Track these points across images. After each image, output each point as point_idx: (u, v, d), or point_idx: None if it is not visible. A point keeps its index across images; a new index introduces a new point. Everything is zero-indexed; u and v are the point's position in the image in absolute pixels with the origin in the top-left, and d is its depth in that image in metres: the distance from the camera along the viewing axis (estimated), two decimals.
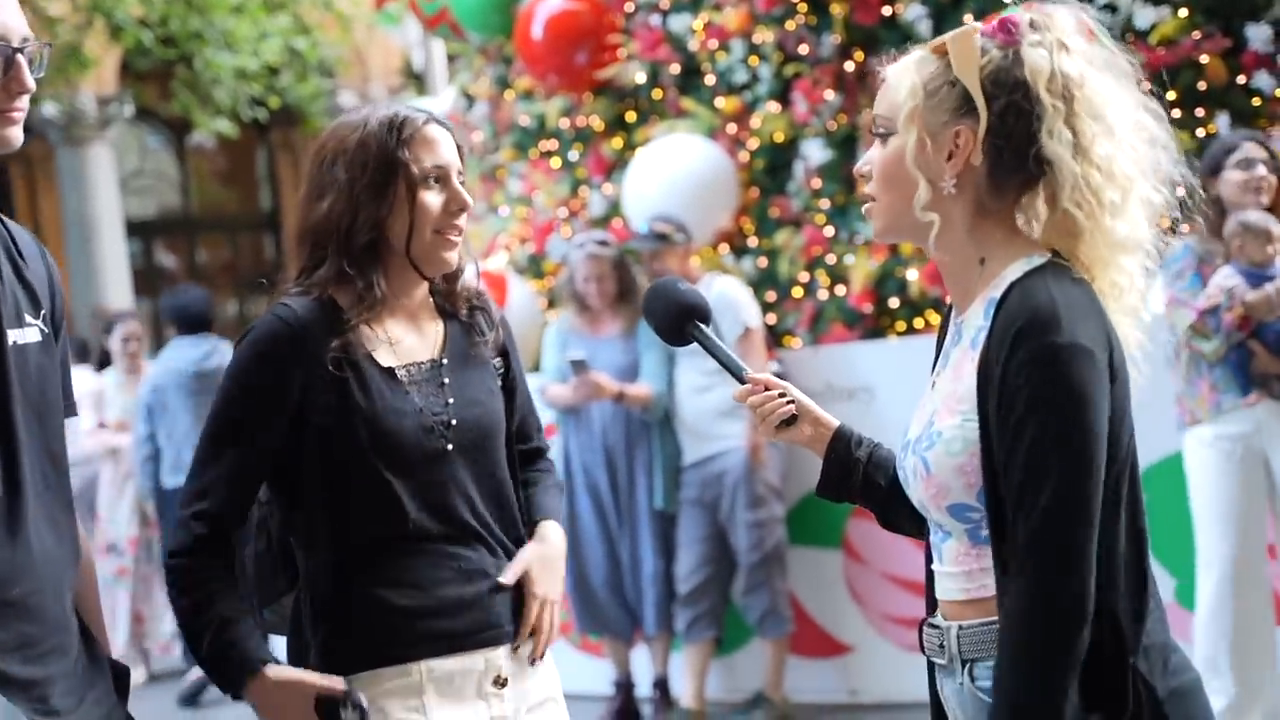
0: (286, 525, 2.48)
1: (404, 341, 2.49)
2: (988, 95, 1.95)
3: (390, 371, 2.44)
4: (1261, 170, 4.69)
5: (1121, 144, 1.96)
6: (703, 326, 2.31)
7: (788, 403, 2.23)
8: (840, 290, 6.20)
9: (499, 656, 2.46)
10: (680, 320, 2.31)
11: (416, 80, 13.34)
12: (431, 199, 2.43)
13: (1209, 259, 4.66)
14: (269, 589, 2.51)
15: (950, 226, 2.01)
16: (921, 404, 2.08)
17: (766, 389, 2.24)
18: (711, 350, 2.30)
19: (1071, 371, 1.85)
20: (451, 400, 2.47)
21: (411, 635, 2.40)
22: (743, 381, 2.26)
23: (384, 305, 2.46)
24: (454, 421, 2.46)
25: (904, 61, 2.04)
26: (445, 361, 2.51)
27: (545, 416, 5.94)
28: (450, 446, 2.45)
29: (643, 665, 5.99)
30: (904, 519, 2.21)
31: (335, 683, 2.34)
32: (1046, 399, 1.84)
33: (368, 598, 2.40)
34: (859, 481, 2.23)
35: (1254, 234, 4.58)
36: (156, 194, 18.03)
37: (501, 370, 2.59)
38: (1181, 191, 2.05)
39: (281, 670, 2.35)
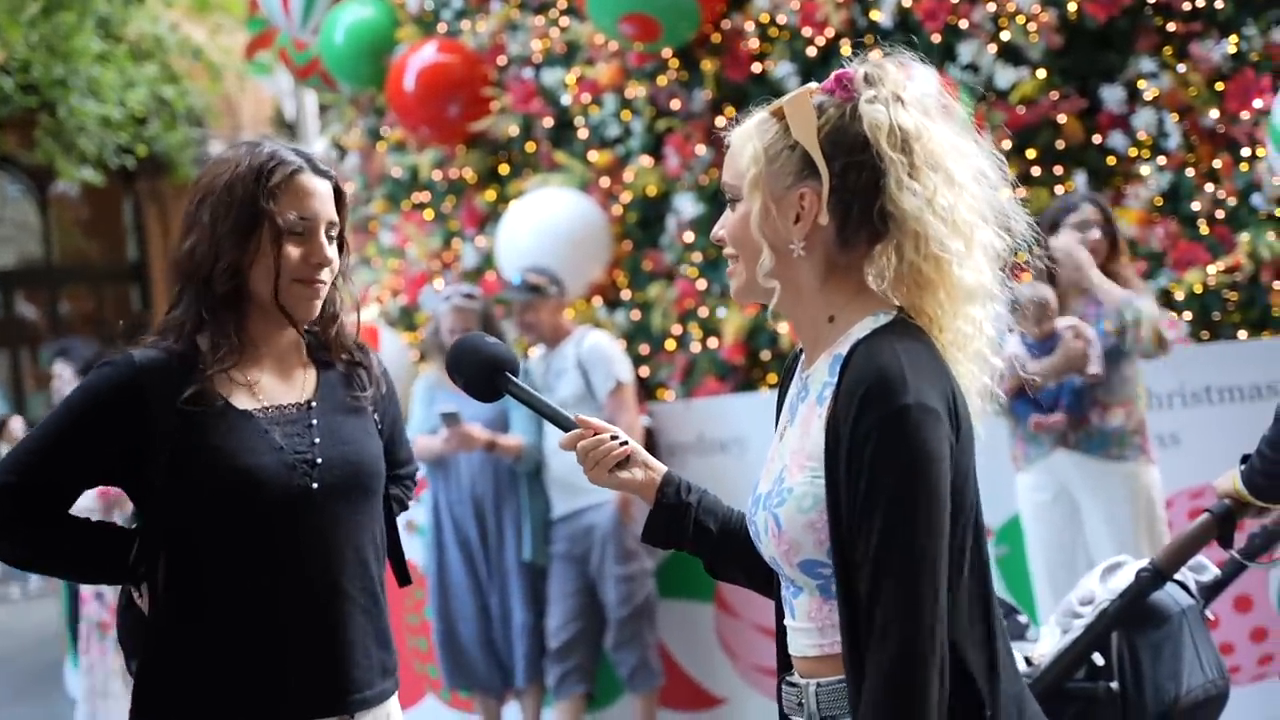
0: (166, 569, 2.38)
1: (267, 387, 2.42)
2: (827, 156, 1.96)
3: (246, 414, 2.36)
4: (1096, 234, 4.85)
5: (962, 191, 1.96)
6: (513, 378, 2.24)
7: (621, 444, 2.19)
8: (712, 343, 6.25)
9: None
10: (489, 373, 2.23)
11: (288, 130, 13.22)
12: (292, 250, 2.38)
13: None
14: (138, 641, 2.43)
15: (800, 287, 2.01)
16: (770, 457, 2.07)
17: (596, 433, 2.19)
18: (528, 401, 2.24)
19: (918, 433, 1.84)
20: (319, 440, 2.40)
21: (256, 705, 2.33)
22: (568, 428, 2.20)
23: (245, 352, 2.40)
24: (319, 460, 2.38)
25: (745, 126, 2.04)
26: (315, 405, 2.44)
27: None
28: (316, 485, 2.37)
29: None
30: (735, 568, 2.19)
31: None
32: (894, 462, 1.84)
33: (212, 658, 2.33)
34: (690, 526, 2.19)
35: (1026, 310, 4.72)
36: (17, 243, 17.59)
37: (379, 425, 2.54)
38: (1023, 225, 2.05)
39: None
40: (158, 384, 2.33)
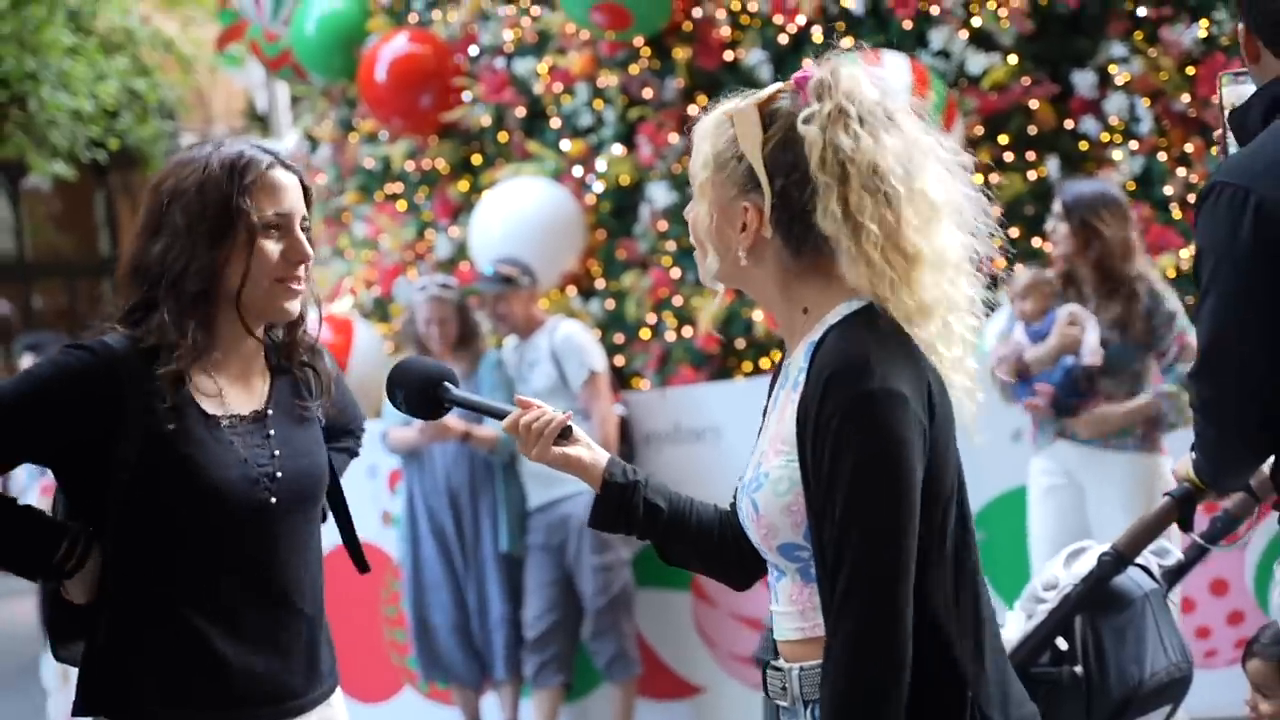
0: (107, 561, 2.35)
1: (229, 394, 2.41)
2: (770, 173, 1.96)
3: (215, 421, 2.35)
4: (1059, 238, 4.91)
5: (904, 209, 1.94)
6: (451, 386, 2.28)
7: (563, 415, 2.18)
8: (687, 331, 6.24)
9: None
10: (428, 388, 2.27)
11: (260, 122, 13.15)
12: (271, 248, 2.37)
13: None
14: (62, 629, 2.41)
15: (762, 287, 2.03)
16: (756, 445, 2.09)
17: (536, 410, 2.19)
18: (470, 404, 2.29)
19: (883, 418, 1.86)
20: (278, 452, 2.41)
21: (195, 697, 2.32)
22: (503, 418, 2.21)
23: (209, 356, 2.38)
24: (279, 474, 2.39)
25: (706, 122, 2.04)
26: (270, 413, 2.44)
27: (390, 462, 5.89)
28: (275, 500, 2.38)
29: (492, 712, 5.92)
30: (688, 551, 2.20)
31: None
32: (858, 447, 1.85)
33: (162, 650, 2.31)
34: (639, 505, 2.16)
35: (1024, 290, 4.84)
36: None
37: (324, 425, 2.54)
38: (994, 215, 2.05)
39: None
40: (133, 376, 2.30)
